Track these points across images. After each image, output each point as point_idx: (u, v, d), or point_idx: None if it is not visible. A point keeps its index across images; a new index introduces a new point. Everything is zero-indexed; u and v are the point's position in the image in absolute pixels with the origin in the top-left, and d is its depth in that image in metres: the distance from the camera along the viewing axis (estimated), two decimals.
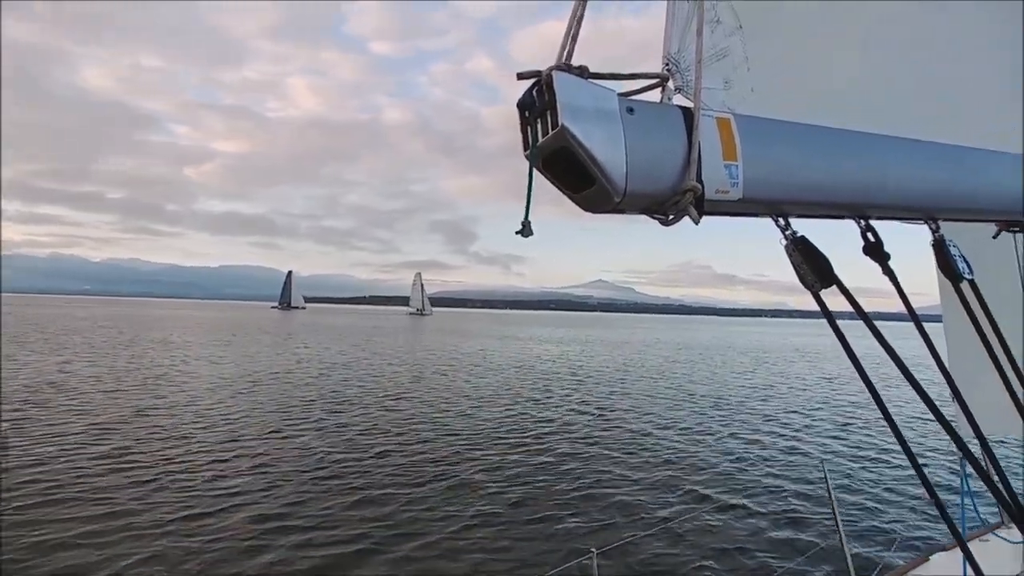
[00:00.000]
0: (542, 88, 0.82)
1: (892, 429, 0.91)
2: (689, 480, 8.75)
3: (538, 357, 30.90)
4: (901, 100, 1.47)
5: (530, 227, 0.85)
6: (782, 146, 0.94)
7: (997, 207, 1.22)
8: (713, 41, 1.10)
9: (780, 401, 17.72)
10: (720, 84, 1.11)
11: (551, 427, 12.45)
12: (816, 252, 0.92)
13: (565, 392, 17.90)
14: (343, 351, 30.12)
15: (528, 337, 49.78)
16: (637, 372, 24.68)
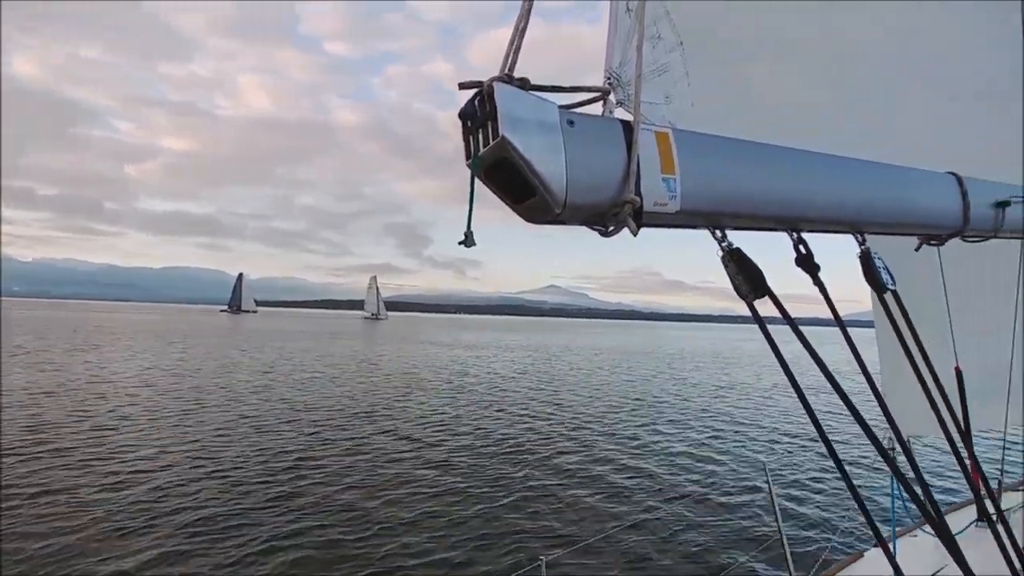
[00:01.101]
0: (483, 99, 0.82)
1: (819, 433, 0.96)
2: (635, 485, 8.84)
3: (488, 362, 30.60)
4: (833, 118, 1.54)
5: (472, 237, 0.85)
6: (718, 160, 0.97)
7: (918, 222, 1.30)
8: (654, 57, 1.13)
9: (725, 404, 18.09)
10: (661, 99, 1.14)
11: (497, 435, 12.30)
12: (750, 263, 0.96)
13: (512, 399, 17.66)
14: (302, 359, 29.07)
15: (479, 344, 49.34)
16: (583, 378, 24.62)
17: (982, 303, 2.91)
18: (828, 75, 1.60)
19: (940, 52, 1.97)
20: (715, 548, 6.41)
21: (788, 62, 1.50)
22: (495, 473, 9.37)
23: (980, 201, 1.37)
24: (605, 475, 9.35)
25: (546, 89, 0.88)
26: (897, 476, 0.97)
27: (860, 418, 0.95)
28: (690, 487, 8.84)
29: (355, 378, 21.80)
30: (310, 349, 34.74)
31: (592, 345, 51.91)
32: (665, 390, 21.41)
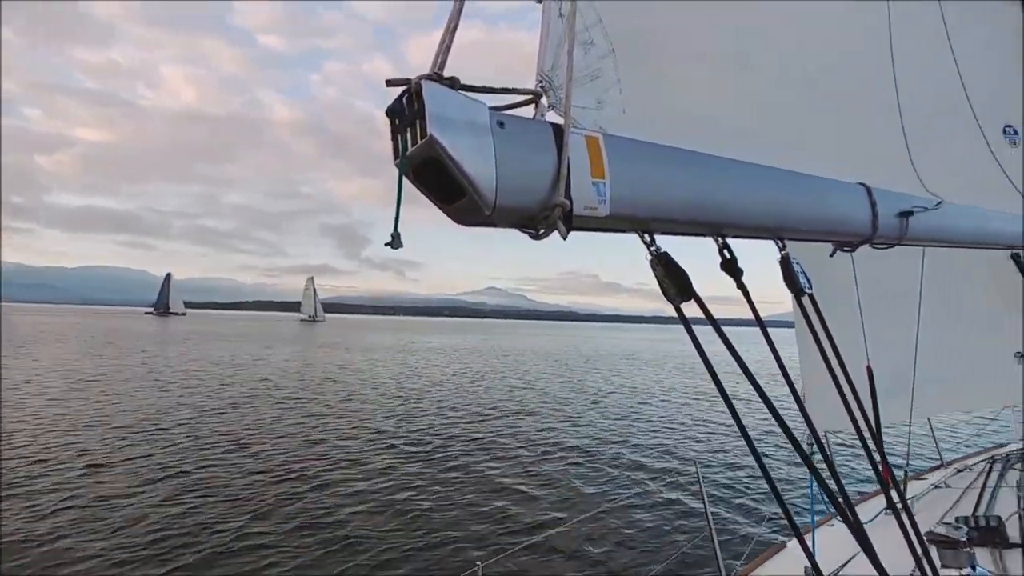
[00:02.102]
0: (412, 96, 0.80)
1: (741, 431, 0.99)
2: (570, 487, 8.92)
3: (424, 365, 30.01)
4: (756, 128, 1.61)
5: (399, 239, 0.83)
6: (648, 166, 0.99)
7: (832, 229, 1.38)
8: (586, 62, 1.14)
9: (658, 404, 18.47)
10: (593, 104, 1.15)
11: (428, 440, 12.15)
12: (677, 268, 0.98)
13: (445, 403, 17.39)
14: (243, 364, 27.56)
15: (416, 346, 48.43)
16: (518, 380, 24.48)
17: (891, 306, 3.12)
18: (752, 88, 1.67)
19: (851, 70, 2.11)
20: (649, 545, 6.57)
21: (717, 73, 1.56)
22: (430, 480, 9.24)
23: (887, 211, 1.46)
24: (540, 478, 9.38)
25: (476, 89, 0.86)
26: (811, 470, 1.01)
27: (778, 416, 0.99)
28: (625, 486, 9.00)
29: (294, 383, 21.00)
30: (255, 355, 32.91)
31: (530, 347, 51.91)
32: (598, 391, 21.57)
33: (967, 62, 2.87)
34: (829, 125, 2.00)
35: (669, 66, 1.40)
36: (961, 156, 2.88)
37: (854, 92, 2.18)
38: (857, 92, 2.20)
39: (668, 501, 8.23)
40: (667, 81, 1.40)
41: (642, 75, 1.32)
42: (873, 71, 2.32)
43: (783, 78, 1.80)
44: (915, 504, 2.48)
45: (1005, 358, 3.59)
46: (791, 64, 1.85)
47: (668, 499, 8.32)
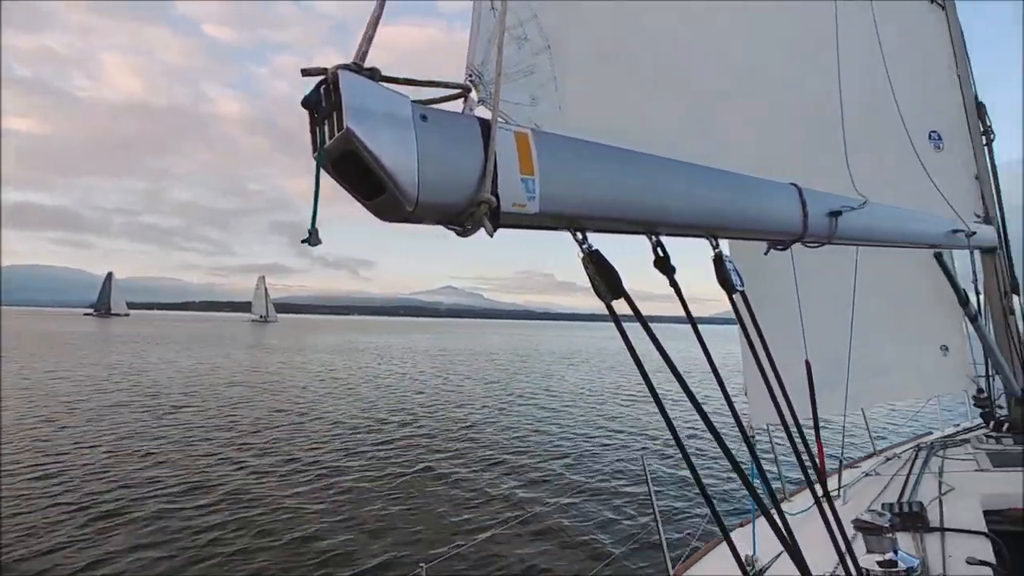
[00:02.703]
0: (329, 87, 0.77)
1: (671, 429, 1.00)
2: (516, 484, 8.87)
3: (378, 366, 29.13)
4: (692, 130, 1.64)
5: (317, 235, 0.79)
6: (579, 164, 0.98)
7: (765, 228, 1.41)
8: (520, 57, 1.13)
9: (605, 399, 18.44)
10: (527, 100, 1.14)
11: (371, 441, 11.87)
12: (608, 266, 0.97)
13: (391, 403, 16.90)
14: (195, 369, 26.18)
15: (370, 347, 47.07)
16: (464, 380, 23.96)
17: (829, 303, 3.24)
18: (690, 91, 1.70)
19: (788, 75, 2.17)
20: (596, 541, 6.58)
21: (655, 75, 1.57)
22: (374, 478, 9.05)
23: (817, 210, 1.51)
24: (485, 477, 9.28)
25: (400, 81, 0.84)
26: (735, 469, 1.03)
27: (703, 414, 1.00)
28: (572, 484, 8.98)
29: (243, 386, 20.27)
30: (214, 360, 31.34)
31: (486, 347, 51.23)
32: (546, 389, 21.29)
33: (897, 70, 3.01)
34: (765, 128, 2.06)
35: (607, 66, 1.41)
36: (892, 160, 3.03)
37: (790, 97, 2.26)
38: (793, 97, 2.27)
39: (616, 496, 8.28)
40: (605, 80, 1.40)
41: (580, 73, 1.31)
42: (809, 77, 2.40)
43: (721, 82, 1.84)
44: (847, 492, 2.58)
45: (932, 351, 3.80)
46: (728, 69, 1.89)
47: (616, 494, 8.38)
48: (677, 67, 1.67)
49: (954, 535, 1.73)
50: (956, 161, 3.50)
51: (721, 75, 1.83)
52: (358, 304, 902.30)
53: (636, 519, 7.28)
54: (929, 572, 1.51)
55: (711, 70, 1.79)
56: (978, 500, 2.03)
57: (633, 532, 6.76)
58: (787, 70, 2.26)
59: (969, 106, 3.71)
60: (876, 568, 1.49)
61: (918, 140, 3.21)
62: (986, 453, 2.75)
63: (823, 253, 2.06)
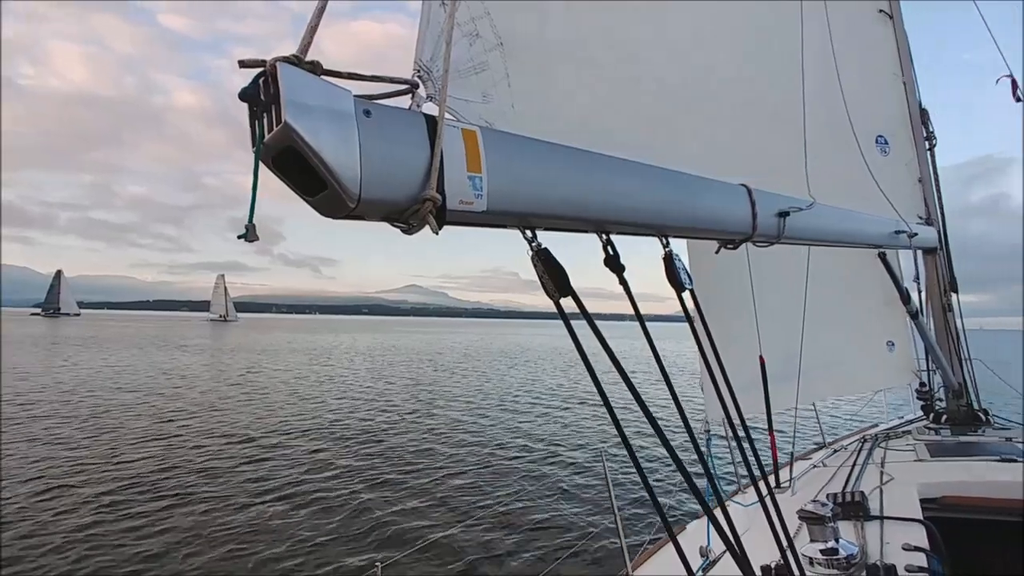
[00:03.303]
0: (268, 80, 0.75)
1: (617, 428, 1.01)
2: (473, 482, 8.81)
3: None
4: (645, 130, 1.66)
5: (255, 231, 0.77)
6: (529, 162, 0.98)
7: (715, 227, 1.44)
8: (471, 54, 1.12)
9: (566, 396, 18.32)
10: (479, 97, 1.13)
11: (327, 438, 11.70)
12: (556, 264, 0.98)
13: (345, 403, 16.48)
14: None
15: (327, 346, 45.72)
16: (423, 379, 23.40)
17: (782, 300, 3.34)
18: (645, 91, 1.72)
19: (742, 80, 2.23)
20: (554, 535, 6.59)
21: (609, 76, 1.59)
22: (329, 478, 8.90)
23: (766, 210, 1.55)
24: (443, 474, 9.19)
25: (343, 76, 0.82)
26: (678, 466, 1.05)
27: (648, 412, 1.01)
28: (533, 479, 8.95)
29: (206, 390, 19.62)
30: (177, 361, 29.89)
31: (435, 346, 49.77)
32: (507, 386, 21.00)
33: (848, 76, 3.13)
34: (720, 130, 2.11)
35: (560, 65, 1.41)
36: (842, 162, 3.14)
37: (745, 100, 2.31)
38: (748, 100, 2.33)
39: (576, 491, 8.31)
40: (559, 80, 1.40)
41: (532, 72, 1.32)
42: (765, 81, 2.47)
43: (676, 83, 1.87)
44: (796, 483, 2.67)
45: (879, 347, 3.96)
46: (684, 70, 1.92)
47: (576, 489, 8.40)
48: (633, 67, 1.69)
49: (892, 522, 1.80)
50: (901, 165, 3.66)
51: (677, 76, 1.86)
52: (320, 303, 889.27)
53: (596, 511, 7.33)
54: (868, 558, 1.57)
55: (667, 71, 1.82)
56: (915, 489, 2.12)
57: (592, 523, 6.81)
58: (742, 73, 2.31)
59: (913, 112, 3.88)
60: (819, 556, 1.55)
61: (866, 144, 3.34)
62: (924, 444, 2.88)
63: (777, 252, 2.12)
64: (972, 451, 2.66)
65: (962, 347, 3.66)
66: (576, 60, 1.47)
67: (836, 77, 3.05)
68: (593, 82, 1.52)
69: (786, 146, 2.50)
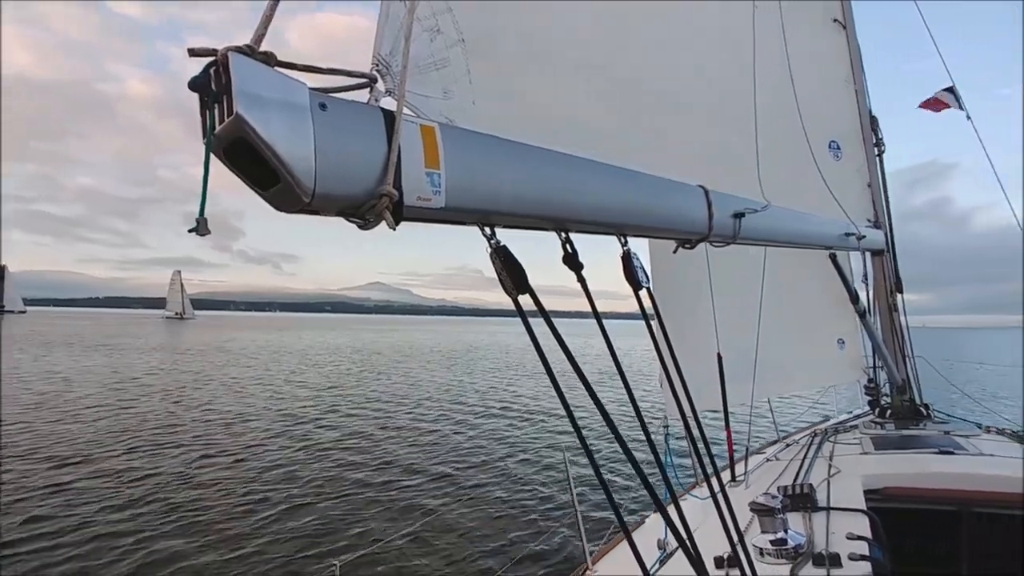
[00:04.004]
0: (219, 69, 0.73)
1: (572, 424, 1.02)
2: (434, 481, 8.75)
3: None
4: (605, 130, 1.68)
5: (206, 224, 0.75)
6: (488, 159, 0.99)
7: (672, 227, 1.47)
8: (432, 50, 1.12)
9: (530, 396, 18.09)
10: (439, 93, 1.13)
11: (290, 435, 11.48)
12: (514, 261, 0.99)
13: (305, 401, 16.06)
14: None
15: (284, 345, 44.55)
16: (382, 378, 22.75)
17: (740, 299, 3.44)
18: (608, 91, 1.75)
19: (698, 84, 2.28)
20: (514, 532, 6.59)
21: (571, 75, 1.61)
22: (285, 477, 8.74)
23: (722, 211, 1.59)
24: (400, 473, 9.09)
25: (299, 68, 0.81)
26: (632, 463, 1.08)
27: (603, 409, 1.03)
28: (492, 476, 8.92)
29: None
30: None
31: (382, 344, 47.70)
32: (467, 385, 20.65)
33: (804, 83, 3.23)
34: (681, 132, 2.15)
35: (523, 63, 1.42)
36: (797, 166, 3.25)
37: (706, 103, 2.37)
38: (709, 103, 2.39)
39: (537, 488, 8.31)
40: (521, 78, 1.41)
41: (495, 69, 1.32)
42: (725, 86, 2.54)
43: (639, 84, 1.90)
44: (750, 476, 2.76)
45: (831, 345, 4.12)
46: (647, 72, 1.96)
47: (538, 487, 8.40)
48: (595, 68, 1.71)
49: (838, 513, 1.88)
50: (851, 169, 3.81)
51: (638, 78, 1.89)
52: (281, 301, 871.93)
53: (556, 509, 7.36)
54: (814, 548, 1.64)
55: (628, 73, 1.85)
56: (860, 481, 2.22)
57: (553, 520, 6.85)
58: (702, 77, 2.37)
59: (864, 119, 4.04)
60: (768, 546, 1.61)
61: (820, 149, 3.47)
62: (870, 438, 3.01)
63: (735, 253, 2.18)
64: (913, 444, 2.80)
65: (906, 345, 3.83)
66: (539, 60, 1.48)
67: (791, 83, 3.15)
68: (555, 81, 1.53)
69: (745, 149, 2.58)
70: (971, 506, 2.16)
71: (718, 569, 1.58)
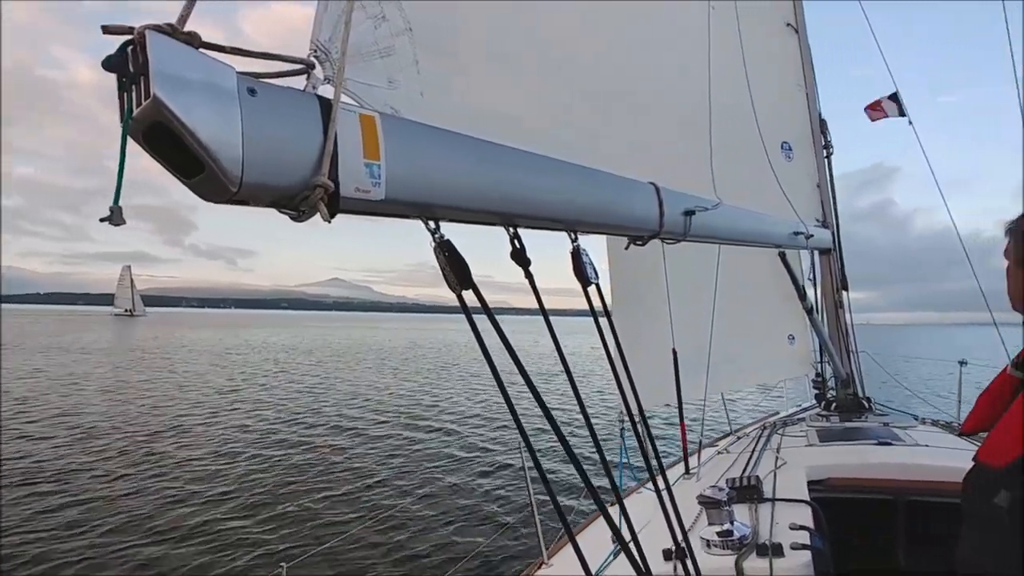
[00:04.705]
0: (136, 49, 0.69)
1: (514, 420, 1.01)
2: (384, 479, 8.63)
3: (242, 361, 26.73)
4: (557, 127, 1.68)
5: (120, 214, 0.71)
6: (432, 151, 0.96)
7: (623, 224, 1.47)
8: (376, 37, 1.08)
9: (486, 394, 17.78)
10: (384, 82, 1.10)
11: (237, 438, 11.17)
12: (458, 256, 0.97)
13: (250, 405, 15.38)
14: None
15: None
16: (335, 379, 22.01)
17: (695, 295, 3.50)
18: (559, 89, 1.74)
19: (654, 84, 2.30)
20: (469, 530, 6.54)
21: (524, 71, 1.59)
22: (233, 478, 8.54)
23: (673, 209, 1.60)
24: (350, 471, 8.95)
25: (226, 50, 0.77)
26: (575, 464, 1.08)
27: (545, 409, 1.03)
28: (449, 473, 8.84)
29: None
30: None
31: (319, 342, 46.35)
32: (420, 382, 20.33)
33: (757, 85, 3.31)
34: (636, 128, 2.16)
35: (475, 57, 1.39)
36: (750, 166, 3.33)
37: (661, 101, 2.39)
38: (663, 104, 2.41)
39: (494, 485, 8.26)
40: (473, 72, 1.39)
41: (445, 62, 1.29)
42: (681, 85, 2.57)
43: (594, 80, 1.90)
44: (702, 469, 2.82)
45: (782, 340, 4.25)
46: (602, 67, 1.96)
47: (494, 482, 8.36)
48: (552, 65, 1.70)
49: (782, 504, 1.94)
50: (802, 170, 3.92)
51: (593, 77, 1.89)
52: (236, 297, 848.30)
53: (513, 504, 7.34)
54: (759, 538, 1.68)
55: (584, 71, 1.84)
56: (804, 472, 2.29)
57: (510, 515, 6.84)
58: (658, 76, 2.39)
59: (814, 121, 4.17)
60: (715, 538, 1.65)
61: (772, 149, 3.56)
62: (815, 430, 3.12)
63: (690, 250, 2.21)
64: (856, 436, 2.91)
65: (851, 340, 3.99)
66: (493, 54, 1.46)
67: (747, 85, 3.22)
68: (509, 77, 1.51)
69: (699, 149, 2.62)
70: (906, 495, 2.25)
71: (667, 561, 1.60)
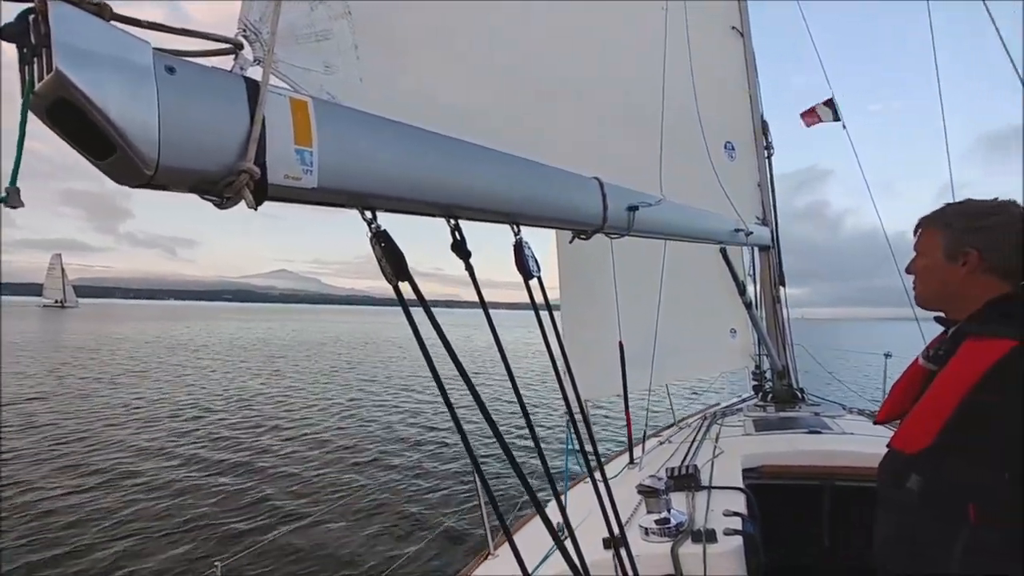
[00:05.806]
0: (38, 18, 0.64)
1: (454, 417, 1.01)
2: (330, 474, 8.46)
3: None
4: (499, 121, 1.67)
5: (18, 196, 0.66)
6: (369, 139, 0.94)
7: (567, 218, 1.48)
8: (312, 19, 1.05)
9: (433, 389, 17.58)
10: (320, 66, 1.06)
11: (171, 434, 10.70)
12: (394, 248, 0.95)
13: (176, 400, 14.58)
14: None
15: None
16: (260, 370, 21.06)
17: (642, 289, 3.58)
18: (511, 80, 1.74)
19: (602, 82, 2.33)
20: (413, 524, 6.47)
21: (468, 63, 1.58)
22: (163, 473, 8.23)
23: (616, 204, 1.63)
24: (289, 467, 8.72)
25: (142, 24, 0.72)
26: (510, 461, 1.09)
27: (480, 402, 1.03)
28: (392, 468, 8.72)
29: None
30: None
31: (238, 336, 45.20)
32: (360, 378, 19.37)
33: (704, 87, 3.39)
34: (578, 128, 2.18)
35: (419, 46, 1.37)
36: (695, 165, 3.42)
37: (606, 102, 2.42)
38: (609, 102, 2.44)
39: (439, 477, 8.19)
40: (416, 61, 1.37)
41: (387, 49, 1.26)
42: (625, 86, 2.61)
43: (544, 74, 1.91)
44: (645, 459, 2.89)
45: (724, 333, 4.40)
46: (553, 63, 1.97)
47: (439, 475, 8.28)
48: (498, 59, 1.69)
49: (718, 492, 2.02)
50: (744, 170, 4.06)
51: (540, 73, 1.89)
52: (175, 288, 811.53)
53: (459, 496, 7.30)
54: (694, 525, 1.74)
55: (530, 67, 1.84)
56: (739, 460, 2.39)
57: (456, 508, 6.80)
58: (605, 75, 2.42)
59: (756, 123, 4.32)
60: (653, 525, 1.70)
61: (715, 149, 3.67)
62: (752, 420, 3.25)
63: (637, 245, 2.24)
64: (789, 425, 3.05)
65: (787, 334, 4.17)
66: (437, 44, 1.44)
67: (692, 85, 3.31)
68: (452, 67, 1.49)
69: (645, 147, 2.67)
70: (833, 480, 2.38)
71: (606, 550, 1.63)
